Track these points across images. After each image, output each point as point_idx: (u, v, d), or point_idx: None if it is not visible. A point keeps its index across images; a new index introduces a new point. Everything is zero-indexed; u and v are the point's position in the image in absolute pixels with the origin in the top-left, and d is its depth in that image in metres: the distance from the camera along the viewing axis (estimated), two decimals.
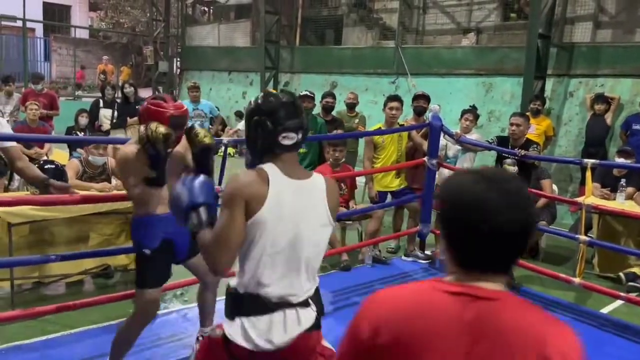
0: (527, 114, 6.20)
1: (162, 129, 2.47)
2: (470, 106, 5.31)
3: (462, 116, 5.45)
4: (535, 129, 6.56)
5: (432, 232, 5.17)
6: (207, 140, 2.61)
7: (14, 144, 3.02)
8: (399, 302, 1.11)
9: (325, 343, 1.98)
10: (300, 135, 1.82)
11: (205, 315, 3.10)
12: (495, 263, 1.08)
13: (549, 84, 7.93)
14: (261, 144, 1.81)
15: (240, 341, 1.76)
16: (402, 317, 1.07)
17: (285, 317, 1.80)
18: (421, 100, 5.27)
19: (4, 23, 15.98)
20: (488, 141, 4.92)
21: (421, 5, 10.80)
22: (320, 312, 1.96)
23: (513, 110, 6.29)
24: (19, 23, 14.75)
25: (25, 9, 14.34)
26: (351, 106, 6.78)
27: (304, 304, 1.87)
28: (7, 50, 17.38)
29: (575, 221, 6.52)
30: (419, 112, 5.27)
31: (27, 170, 3.03)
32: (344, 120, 6.42)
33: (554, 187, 5.71)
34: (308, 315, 1.87)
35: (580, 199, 4.53)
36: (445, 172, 5.15)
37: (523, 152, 4.37)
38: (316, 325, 1.91)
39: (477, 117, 5.55)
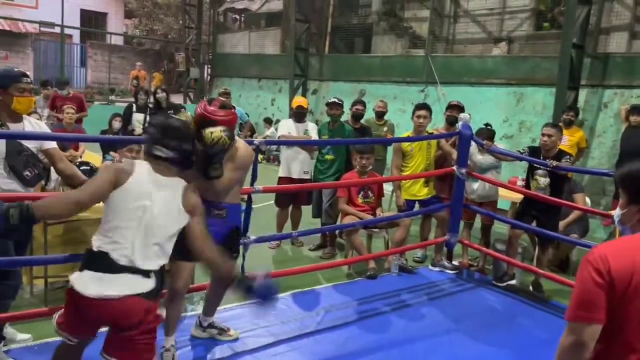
0: (560, 124, 6.10)
1: (216, 132, 2.73)
2: (485, 124, 5.16)
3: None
4: (568, 140, 6.44)
5: (460, 242, 5.12)
6: (216, 139, 2.76)
7: (54, 145, 3.12)
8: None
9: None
10: (174, 154, 2.38)
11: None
12: None
13: (582, 94, 7.79)
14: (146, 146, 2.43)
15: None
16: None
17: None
18: (455, 110, 5.23)
19: (43, 29, 16.50)
20: (519, 151, 4.84)
21: (452, 14, 10.75)
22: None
23: (545, 121, 6.18)
24: (58, 29, 15.22)
25: (64, 16, 14.80)
26: (380, 114, 6.77)
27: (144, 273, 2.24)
28: (46, 55, 17.95)
29: (609, 235, 6.38)
30: (451, 121, 5.23)
31: (68, 171, 3.13)
32: (372, 129, 6.41)
33: (587, 200, 5.59)
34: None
35: (613, 212, 4.42)
36: (475, 184, 5.10)
37: (555, 163, 4.30)
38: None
39: (490, 137, 4.98)
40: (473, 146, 4.93)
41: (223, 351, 3.34)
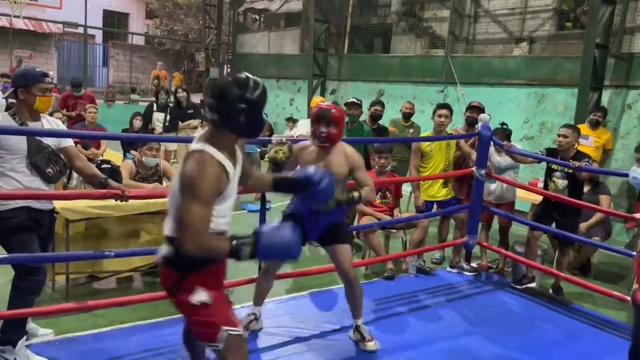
0: (586, 125, 6.00)
1: (271, 153, 3.25)
2: (500, 124, 5.11)
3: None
4: (594, 142, 6.33)
5: (479, 243, 5.07)
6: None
7: (71, 143, 3.17)
8: None
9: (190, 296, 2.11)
10: (211, 115, 2.10)
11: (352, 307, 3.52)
12: None
13: (606, 95, 7.65)
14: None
15: None
16: None
17: None
18: (475, 111, 5.18)
19: (66, 29, 16.77)
20: (540, 152, 4.79)
21: (472, 14, 10.65)
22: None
23: (566, 122, 6.10)
24: (81, 30, 15.46)
25: (87, 17, 15.02)
26: (407, 116, 6.70)
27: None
28: (69, 55, 18.24)
29: (632, 238, 6.26)
30: (471, 122, 5.19)
31: (86, 169, 3.18)
32: (399, 130, 6.37)
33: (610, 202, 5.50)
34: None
35: (637, 215, 4.34)
36: (492, 185, 5.05)
37: (577, 163, 4.23)
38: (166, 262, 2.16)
39: (506, 137, 4.99)
40: (491, 147, 4.89)
41: None
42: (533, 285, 4.72)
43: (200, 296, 2.09)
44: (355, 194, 3.14)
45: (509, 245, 5.14)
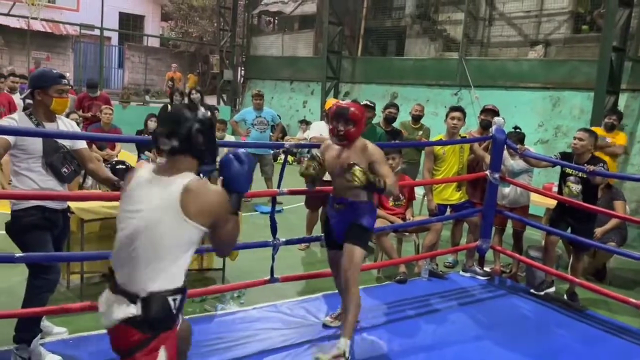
0: (601, 128, 5.93)
1: (303, 169, 3.40)
2: (514, 127, 5.07)
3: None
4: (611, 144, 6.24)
5: (492, 248, 5.03)
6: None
7: (85, 145, 3.21)
8: None
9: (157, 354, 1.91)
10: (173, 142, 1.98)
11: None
12: None
13: (623, 99, 7.57)
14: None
15: None
16: None
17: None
18: (489, 114, 5.15)
19: (83, 31, 16.97)
20: (554, 156, 4.74)
21: (487, 17, 10.60)
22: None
23: (582, 126, 6.03)
24: (97, 32, 15.63)
25: (103, 19, 15.19)
26: (417, 118, 6.70)
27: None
28: (86, 57, 18.46)
29: None
30: (485, 125, 5.15)
31: (99, 172, 3.22)
32: (408, 132, 6.36)
33: (627, 207, 5.43)
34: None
35: None
36: (506, 189, 5.01)
37: (592, 167, 4.18)
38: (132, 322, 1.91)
39: (520, 140, 4.93)
40: (505, 150, 4.85)
41: (251, 349, 3.37)
42: (552, 290, 4.66)
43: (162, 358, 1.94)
44: (382, 181, 3.10)
45: (523, 250, 5.10)
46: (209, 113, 2.12)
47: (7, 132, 2.85)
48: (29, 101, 3.15)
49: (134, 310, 1.89)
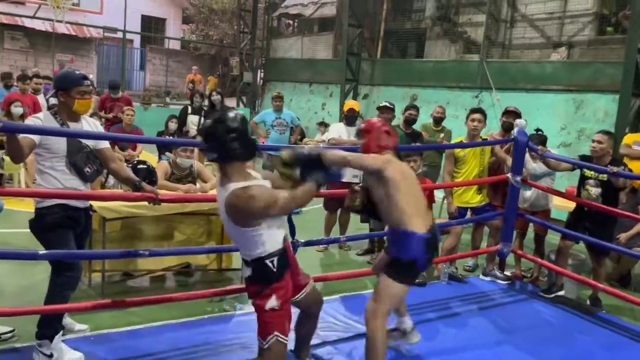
0: (612, 132, 5.80)
1: (349, 202, 3.26)
2: (535, 130, 4.99)
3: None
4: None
5: (513, 252, 4.97)
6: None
7: (107, 145, 3.24)
8: None
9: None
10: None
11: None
12: None
13: None
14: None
15: None
16: None
17: None
18: (511, 116, 5.09)
19: (106, 34, 17.22)
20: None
21: (509, 18, 10.49)
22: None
23: (607, 129, 5.92)
24: (120, 34, 15.85)
25: (126, 21, 15.40)
26: (438, 120, 6.61)
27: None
28: (108, 59, 18.73)
29: None
30: (507, 127, 5.09)
31: (120, 172, 3.25)
32: (429, 134, 6.30)
33: None
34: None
35: None
36: (527, 192, 4.94)
37: (615, 169, 4.10)
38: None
39: (541, 143, 4.84)
40: (527, 153, 4.78)
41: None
42: (562, 293, 4.59)
43: (272, 303, 2.55)
44: (316, 149, 2.82)
45: (545, 254, 5.02)
46: (237, 114, 2.50)
47: (33, 131, 2.90)
48: (54, 101, 3.20)
49: (248, 271, 2.63)
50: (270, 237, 2.56)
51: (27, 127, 2.99)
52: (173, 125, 7.29)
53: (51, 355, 2.98)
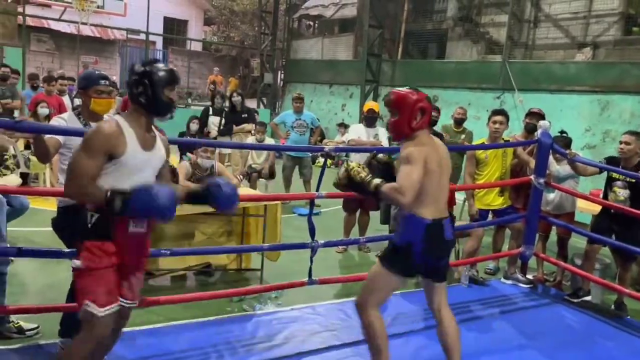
0: None
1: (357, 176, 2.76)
2: (560, 131, 4.90)
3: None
4: None
5: (535, 255, 4.89)
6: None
7: None
8: None
9: None
10: None
11: None
12: None
13: None
14: None
15: None
16: None
17: None
18: (534, 118, 5.01)
19: (129, 36, 17.45)
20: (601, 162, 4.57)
21: (532, 18, 10.34)
22: None
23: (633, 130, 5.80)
24: (143, 36, 16.05)
25: (149, 23, 15.59)
26: (459, 121, 6.57)
27: None
28: (131, 60, 18.97)
29: None
30: (530, 129, 5.01)
31: None
32: (450, 136, 6.25)
33: None
34: None
35: None
36: (550, 195, 4.86)
37: None
38: None
39: (566, 145, 4.79)
40: (550, 155, 4.70)
41: (288, 350, 3.37)
42: (588, 298, 4.50)
43: (77, 261, 2.27)
44: (375, 182, 2.61)
45: (568, 258, 4.93)
46: (166, 67, 2.42)
47: (56, 132, 2.96)
48: (79, 102, 3.25)
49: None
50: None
51: (52, 127, 3.04)
52: (194, 126, 7.36)
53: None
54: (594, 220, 4.78)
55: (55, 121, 3.12)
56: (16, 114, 7.35)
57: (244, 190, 5.10)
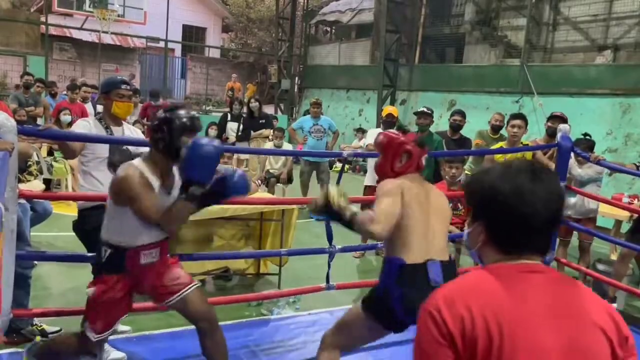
0: None
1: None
2: (583, 134, 4.83)
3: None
4: None
5: (556, 260, 4.82)
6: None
7: (147, 150, 3.33)
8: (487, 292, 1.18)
9: None
10: None
11: None
12: (536, 245, 1.28)
13: None
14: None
15: None
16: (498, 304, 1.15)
17: None
18: (556, 121, 4.96)
19: (149, 44, 17.71)
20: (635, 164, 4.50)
21: (551, 21, 10.25)
22: None
23: None
24: (162, 44, 16.29)
25: (168, 31, 15.82)
26: (496, 128, 6.31)
27: None
28: (151, 68, 19.27)
29: None
30: (552, 133, 4.95)
31: None
32: (486, 142, 6.14)
33: None
34: None
35: None
36: (572, 199, 4.80)
37: None
38: None
39: (590, 148, 4.71)
40: (572, 159, 4.64)
41: (306, 354, 3.38)
42: (615, 306, 4.42)
43: (90, 290, 2.44)
44: (349, 210, 2.30)
45: (590, 264, 4.85)
46: (188, 113, 2.50)
47: (80, 138, 3.03)
48: (100, 109, 3.32)
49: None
50: (125, 229, 2.42)
51: (76, 134, 3.10)
52: (213, 132, 7.44)
53: (95, 355, 3.07)
54: (633, 224, 4.67)
55: (81, 124, 3.19)
56: (40, 121, 7.52)
57: (262, 195, 5.13)
